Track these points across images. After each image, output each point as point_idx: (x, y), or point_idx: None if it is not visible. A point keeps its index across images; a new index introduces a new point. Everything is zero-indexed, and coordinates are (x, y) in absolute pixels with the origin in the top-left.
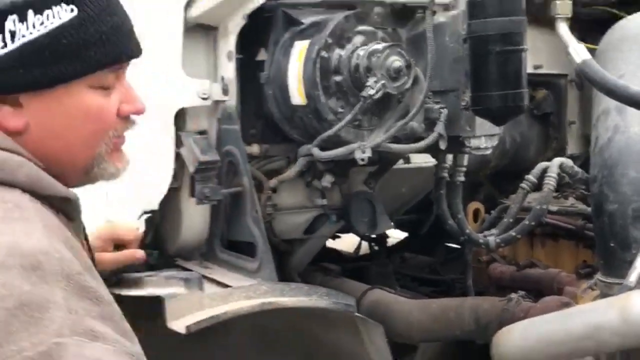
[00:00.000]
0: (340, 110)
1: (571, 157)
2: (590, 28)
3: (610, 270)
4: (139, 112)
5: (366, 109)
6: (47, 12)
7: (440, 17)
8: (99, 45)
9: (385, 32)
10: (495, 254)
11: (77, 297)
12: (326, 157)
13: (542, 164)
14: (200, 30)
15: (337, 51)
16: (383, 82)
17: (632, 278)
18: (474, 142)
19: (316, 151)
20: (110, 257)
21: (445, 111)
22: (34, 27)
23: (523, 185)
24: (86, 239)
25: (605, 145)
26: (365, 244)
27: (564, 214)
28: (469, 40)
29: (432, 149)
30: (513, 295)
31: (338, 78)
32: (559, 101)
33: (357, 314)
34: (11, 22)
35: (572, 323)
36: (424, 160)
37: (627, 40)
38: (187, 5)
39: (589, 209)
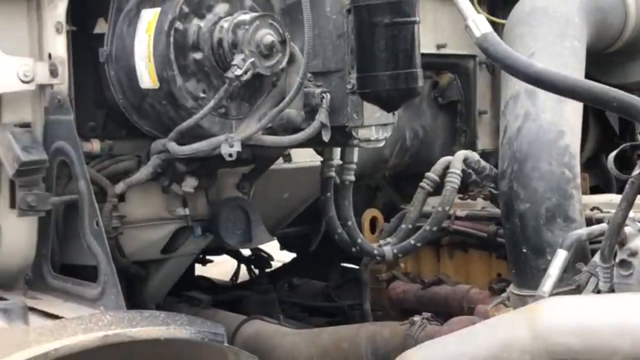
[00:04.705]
0: (201, 95)
1: (483, 153)
2: (501, 1)
3: (523, 281)
4: None
5: (233, 94)
6: None
7: None
8: None
9: None
10: (396, 270)
11: None
12: (186, 153)
13: (445, 159)
14: None
15: (196, 22)
16: (252, 60)
17: (545, 287)
18: (363, 133)
19: (173, 146)
20: None
21: (328, 96)
22: None
23: (423, 184)
24: None
25: (514, 135)
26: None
27: (474, 219)
28: (354, 11)
29: (315, 142)
30: (416, 317)
31: (198, 56)
32: (467, 87)
33: (226, 344)
34: None
35: (478, 343)
36: (309, 158)
37: (537, 13)
38: None
39: None
